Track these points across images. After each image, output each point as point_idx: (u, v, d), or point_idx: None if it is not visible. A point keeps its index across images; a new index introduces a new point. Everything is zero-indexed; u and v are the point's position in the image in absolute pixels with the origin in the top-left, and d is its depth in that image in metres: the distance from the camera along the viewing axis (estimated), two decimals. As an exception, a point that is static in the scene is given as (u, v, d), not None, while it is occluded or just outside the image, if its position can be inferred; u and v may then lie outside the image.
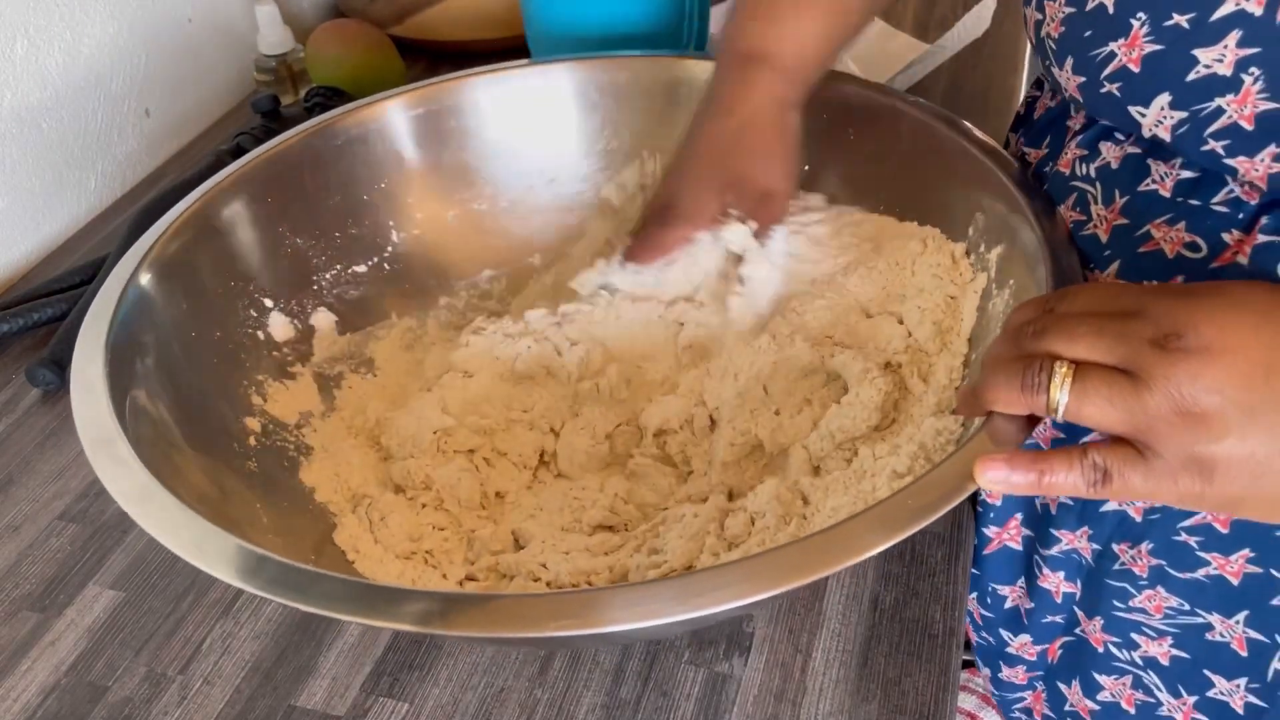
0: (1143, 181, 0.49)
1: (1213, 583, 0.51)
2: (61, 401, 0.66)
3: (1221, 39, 0.41)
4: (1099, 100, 0.47)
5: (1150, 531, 0.52)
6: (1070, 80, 0.48)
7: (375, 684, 0.50)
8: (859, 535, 0.38)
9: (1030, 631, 0.62)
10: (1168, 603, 0.54)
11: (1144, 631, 0.56)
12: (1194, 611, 0.53)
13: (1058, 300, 0.39)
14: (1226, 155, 0.43)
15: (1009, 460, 0.38)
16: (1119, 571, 0.55)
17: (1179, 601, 0.53)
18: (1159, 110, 0.44)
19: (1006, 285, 0.53)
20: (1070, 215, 0.53)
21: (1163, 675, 0.57)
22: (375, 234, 0.65)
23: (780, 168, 0.59)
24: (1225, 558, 0.51)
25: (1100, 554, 0.55)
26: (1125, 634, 0.57)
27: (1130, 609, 0.55)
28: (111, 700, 0.50)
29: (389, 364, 0.63)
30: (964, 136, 0.58)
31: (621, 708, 0.48)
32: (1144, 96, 0.45)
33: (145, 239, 0.55)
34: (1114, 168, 0.50)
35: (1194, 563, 0.52)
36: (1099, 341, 0.36)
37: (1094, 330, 0.36)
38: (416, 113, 0.66)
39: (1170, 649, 0.55)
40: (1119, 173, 0.50)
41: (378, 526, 0.54)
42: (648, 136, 0.69)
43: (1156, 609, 0.54)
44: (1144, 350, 0.35)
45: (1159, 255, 0.48)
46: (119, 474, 0.42)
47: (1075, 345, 0.36)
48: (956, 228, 0.58)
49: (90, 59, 0.83)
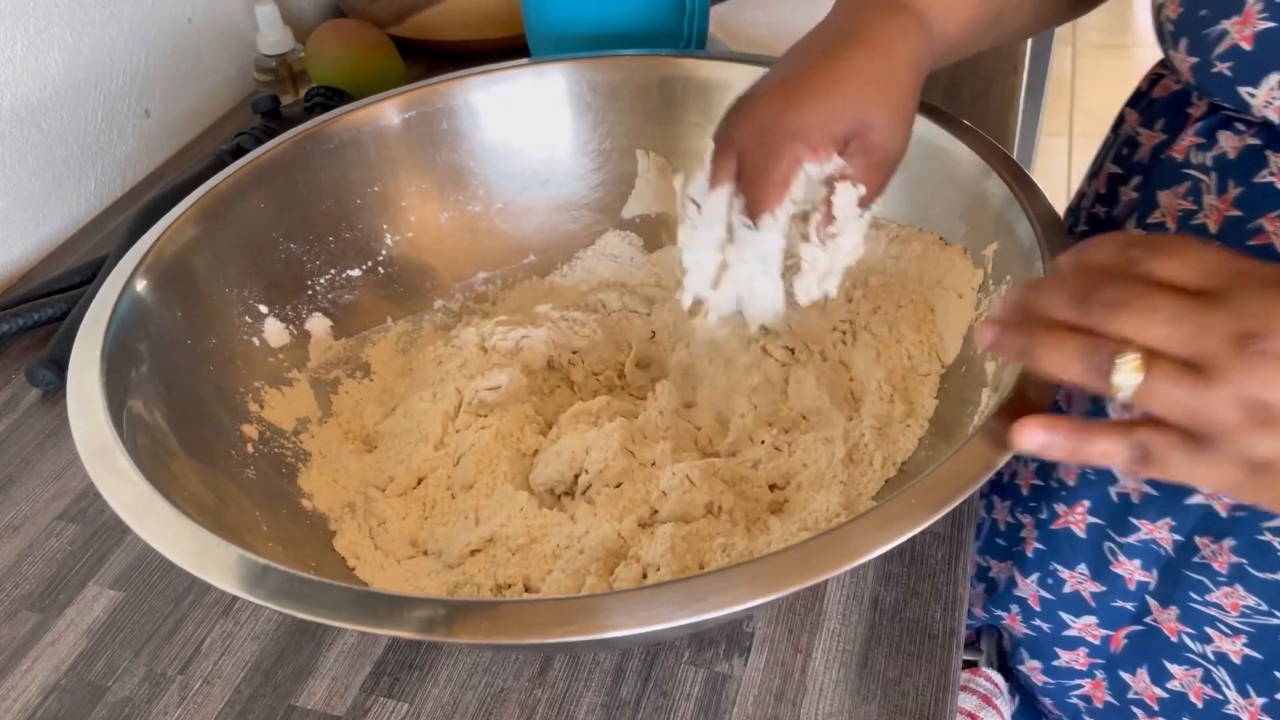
0: (1259, 173, 0.48)
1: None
2: (61, 402, 0.66)
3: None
4: (1210, 80, 0.47)
5: (1235, 529, 0.52)
6: (1184, 62, 0.48)
7: (375, 684, 0.50)
8: (860, 536, 0.38)
9: (1097, 615, 0.61)
10: (1245, 601, 0.53)
11: (1218, 627, 0.55)
12: (1271, 612, 0.52)
13: (1142, 253, 0.36)
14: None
15: (1049, 426, 0.37)
16: (1199, 565, 0.54)
17: (1256, 601, 0.53)
18: (1269, 90, 0.44)
19: (1004, 281, 0.53)
20: (1179, 204, 0.51)
21: (1233, 673, 0.56)
22: (369, 237, 0.65)
23: (905, 134, 0.52)
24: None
25: (1181, 545, 0.54)
26: (1200, 627, 0.56)
27: (1207, 603, 0.55)
28: (111, 700, 0.50)
29: (385, 368, 0.63)
30: (960, 132, 0.58)
31: (621, 708, 0.48)
32: (1255, 75, 0.45)
33: (140, 245, 0.55)
34: (1231, 158, 0.49)
35: (1275, 563, 0.51)
36: (1175, 331, 0.34)
37: (1172, 319, 0.34)
38: (409, 115, 0.66)
39: (1244, 647, 0.54)
40: (1236, 163, 0.49)
41: (377, 532, 0.54)
42: (642, 136, 0.69)
43: (1233, 606, 0.53)
44: (1222, 348, 0.34)
45: (1270, 250, 0.47)
46: (118, 485, 0.42)
47: (1151, 331, 0.35)
48: (953, 226, 0.58)
49: (90, 59, 0.83)
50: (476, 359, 0.62)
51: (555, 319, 0.64)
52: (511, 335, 0.63)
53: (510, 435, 0.58)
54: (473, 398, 0.59)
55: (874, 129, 0.50)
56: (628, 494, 0.53)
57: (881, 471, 0.53)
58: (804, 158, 0.49)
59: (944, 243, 0.59)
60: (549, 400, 0.62)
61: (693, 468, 0.53)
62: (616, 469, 0.54)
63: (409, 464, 0.57)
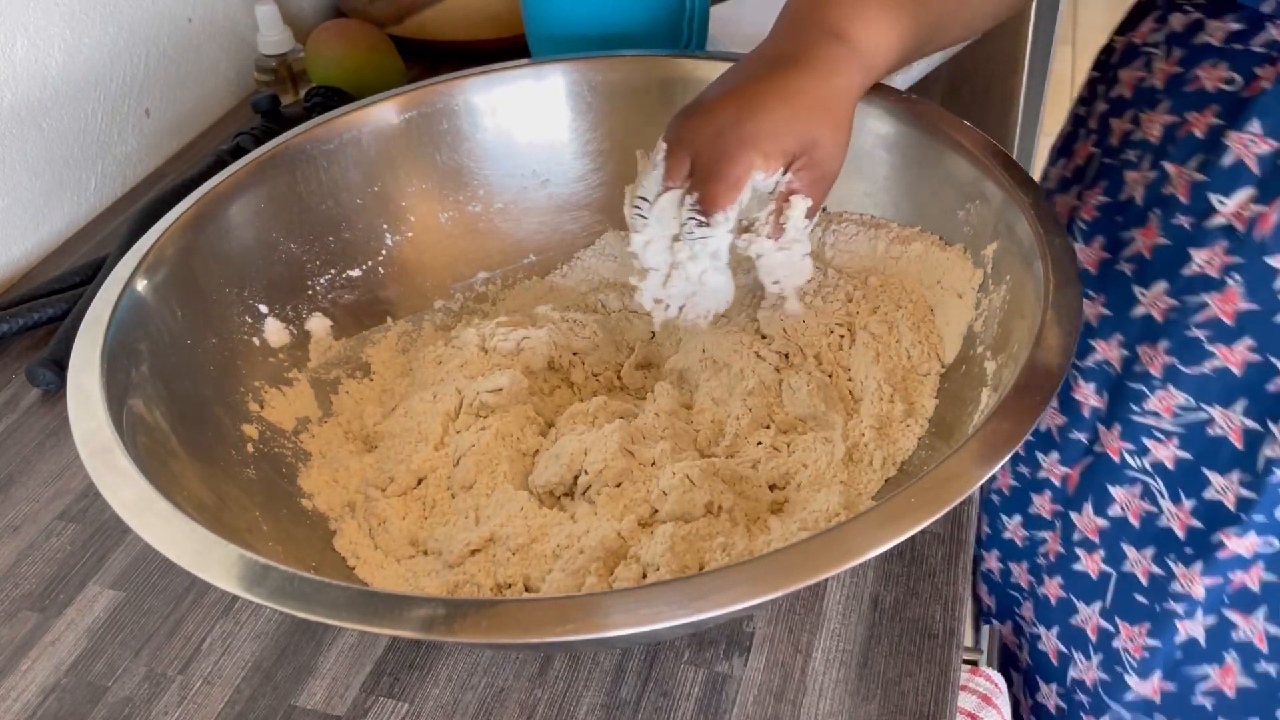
0: (1198, 35, 0.59)
1: (1217, 375, 0.58)
2: (61, 402, 0.66)
3: None
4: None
5: (1169, 330, 0.60)
6: None
7: (375, 684, 0.50)
8: (860, 536, 0.38)
9: (1060, 450, 0.68)
10: (1176, 400, 0.60)
11: (1154, 435, 0.62)
12: (1199, 407, 0.60)
13: None
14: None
15: None
16: (1139, 374, 0.61)
17: (1186, 398, 0.60)
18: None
19: (1003, 281, 0.53)
20: (1136, 75, 0.63)
21: (1167, 479, 0.62)
22: (369, 237, 0.65)
23: (843, 155, 0.55)
24: (1229, 348, 0.57)
25: (1127, 359, 0.62)
26: (1138, 439, 0.63)
27: (1145, 412, 0.62)
28: (111, 700, 0.50)
29: (385, 368, 0.63)
30: (960, 132, 0.58)
31: (621, 708, 0.48)
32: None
33: (141, 244, 0.55)
34: (1178, 30, 0.60)
35: (1201, 356, 0.58)
36: None
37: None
38: (409, 115, 0.66)
39: (1175, 450, 0.61)
40: (1182, 33, 0.60)
41: (377, 532, 0.54)
42: (642, 136, 0.68)
43: (1167, 409, 0.61)
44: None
45: (1204, 92, 0.58)
46: (118, 485, 0.42)
47: None
48: (952, 226, 0.58)
49: (90, 59, 0.83)
50: (477, 359, 0.62)
51: (556, 320, 0.64)
52: (513, 336, 0.63)
53: (510, 435, 0.58)
54: (474, 399, 0.59)
55: (819, 147, 0.53)
56: (628, 493, 0.53)
57: (881, 471, 0.53)
58: (755, 164, 0.52)
59: (944, 244, 0.59)
60: (549, 401, 0.62)
61: (693, 467, 0.53)
62: (616, 469, 0.54)
63: (409, 464, 0.57)
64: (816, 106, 0.53)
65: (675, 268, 0.56)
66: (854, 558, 0.37)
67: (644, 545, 0.50)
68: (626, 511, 0.52)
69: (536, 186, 0.69)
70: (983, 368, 0.53)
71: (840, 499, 0.51)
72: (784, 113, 0.53)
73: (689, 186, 0.54)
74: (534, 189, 0.69)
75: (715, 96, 0.54)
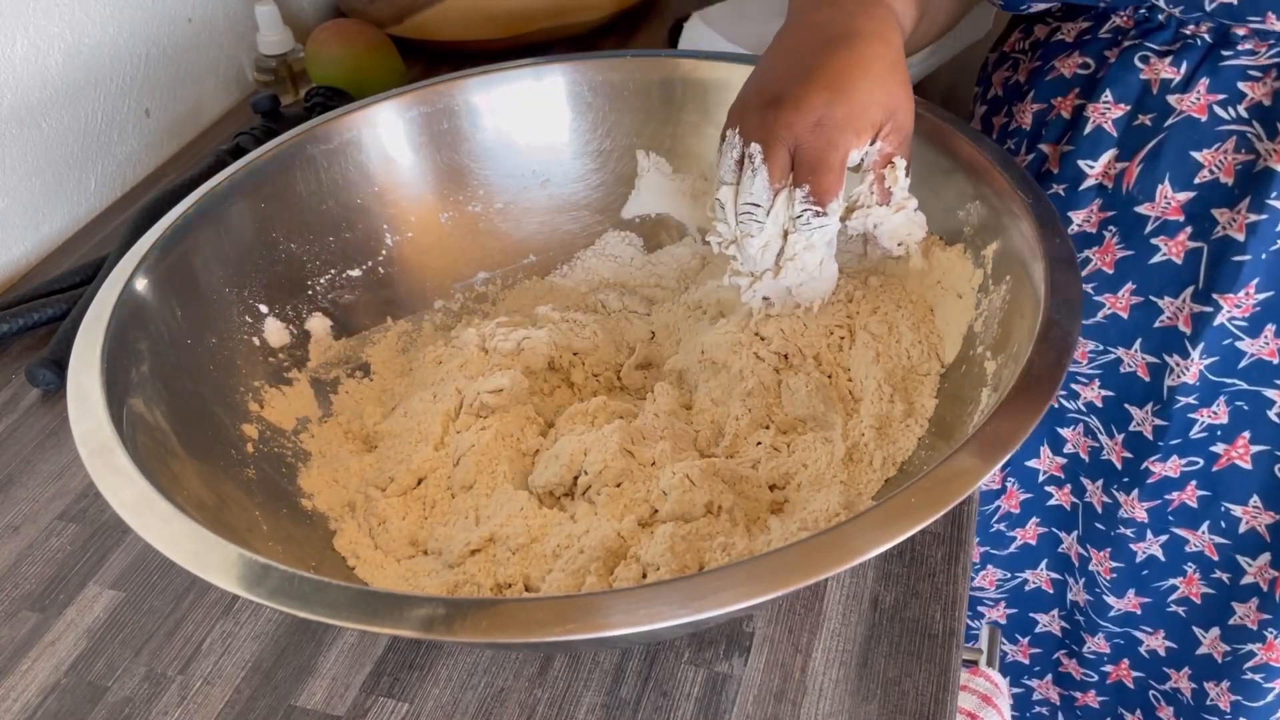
0: (1054, 36, 0.66)
1: (1110, 321, 0.66)
2: (61, 402, 0.66)
3: None
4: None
5: None
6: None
7: (375, 684, 0.50)
8: (860, 536, 0.38)
9: None
10: (1086, 347, 0.68)
11: (1079, 380, 0.70)
12: (1105, 350, 0.67)
13: None
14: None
15: None
16: None
17: (1094, 345, 0.67)
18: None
19: (1003, 281, 0.53)
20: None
21: (1099, 416, 0.70)
22: (369, 238, 0.65)
23: (913, 112, 0.56)
24: (1115, 295, 0.65)
25: None
26: (1067, 384, 0.70)
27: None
28: (111, 700, 0.50)
29: (385, 368, 0.63)
30: (960, 132, 0.58)
31: (621, 708, 0.48)
32: None
33: (140, 244, 0.55)
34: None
35: (1093, 308, 0.66)
36: None
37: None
38: (408, 115, 0.66)
39: (1099, 390, 0.69)
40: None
41: (377, 532, 0.54)
42: (642, 136, 0.69)
43: (1082, 355, 0.68)
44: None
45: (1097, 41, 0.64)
46: (118, 484, 0.42)
47: None
48: (952, 226, 0.58)
49: (90, 59, 0.83)
50: (477, 359, 0.62)
51: (556, 320, 0.64)
52: (513, 336, 0.63)
53: (510, 435, 0.58)
54: (474, 399, 0.59)
55: (900, 109, 0.55)
56: (628, 493, 0.53)
57: (881, 471, 0.53)
58: (853, 145, 0.53)
59: (944, 243, 0.59)
60: (549, 401, 0.62)
61: (693, 467, 0.53)
62: (616, 469, 0.54)
63: (409, 464, 0.57)
64: (890, 71, 0.55)
65: (789, 260, 0.56)
66: (854, 558, 0.37)
67: (644, 545, 0.50)
68: (626, 511, 0.52)
69: (536, 186, 0.69)
70: (983, 368, 0.53)
71: (840, 499, 0.51)
72: (868, 86, 0.53)
73: (795, 180, 0.54)
74: (534, 189, 0.69)
75: (798, 85, 0.53)
